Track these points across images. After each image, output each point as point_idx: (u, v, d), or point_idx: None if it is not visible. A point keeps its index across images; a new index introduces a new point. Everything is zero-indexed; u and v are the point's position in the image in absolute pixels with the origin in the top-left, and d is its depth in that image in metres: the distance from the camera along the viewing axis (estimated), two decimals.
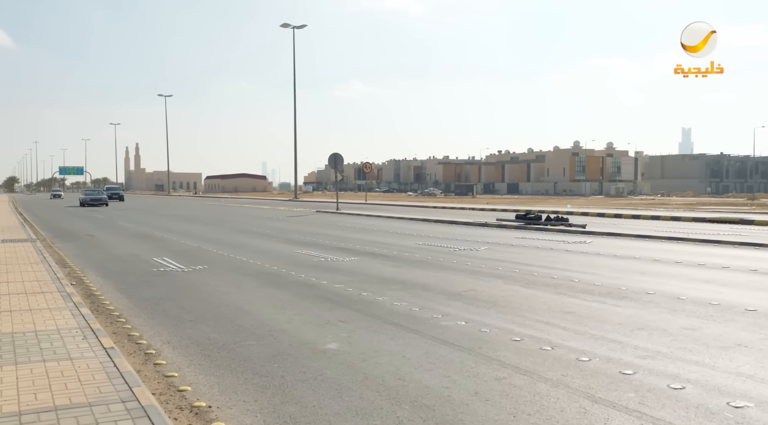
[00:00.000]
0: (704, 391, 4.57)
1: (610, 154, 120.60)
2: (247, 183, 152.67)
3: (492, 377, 4.96)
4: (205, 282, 9.81)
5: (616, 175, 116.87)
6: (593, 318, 6.98)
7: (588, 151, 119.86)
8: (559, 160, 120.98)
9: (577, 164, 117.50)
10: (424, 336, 6.27)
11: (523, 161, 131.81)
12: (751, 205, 41.21)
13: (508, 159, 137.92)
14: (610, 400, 4.42)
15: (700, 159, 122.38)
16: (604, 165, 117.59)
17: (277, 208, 41.02)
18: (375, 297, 8.32)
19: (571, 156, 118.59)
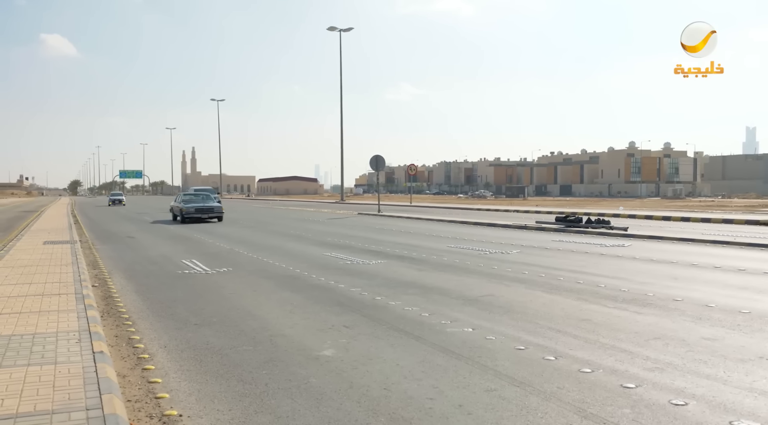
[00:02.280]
0: (708, 408, 4.22)
1: (667, 155, 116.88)
2: (298, 185, 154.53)
3: (482, 388, 4.71)
4: (224, 284, 9.82)
5: (674, 176, 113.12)
6: (609, 327, 6.62)
7: (644, 152, 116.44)
8: (614, 161, 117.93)
9: (633, 165, 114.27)
10: (425, 343, 6.05)
11: (576, 162, 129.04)
12: None
13: (561, 160, 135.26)
14: (601, 416, 4.12)
15: (764, 159, 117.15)
16: (660, 166, 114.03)
17: (321, 210, 41.26)
18: (388, 302, 8.13)
19: (626, 157, 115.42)
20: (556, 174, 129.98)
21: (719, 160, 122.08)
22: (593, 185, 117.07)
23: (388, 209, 37.77)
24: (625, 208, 35.77)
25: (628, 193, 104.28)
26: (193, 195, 28.86)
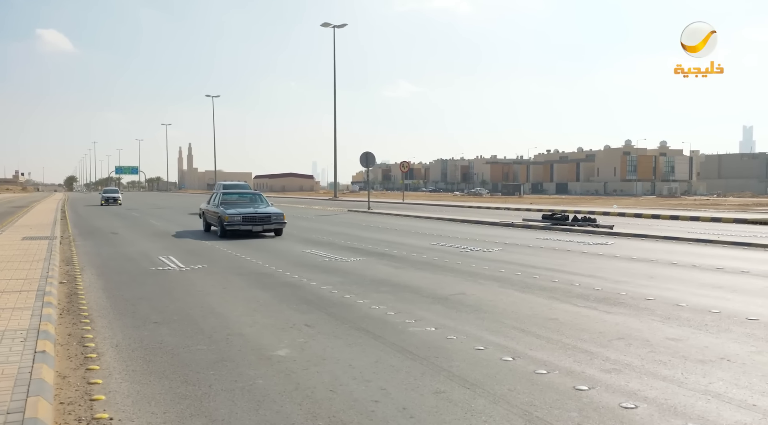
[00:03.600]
0: (657, 412, 4.09)
1: (663, 153, 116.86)
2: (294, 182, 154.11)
3: (431, 390, 4.58)
4: (194, 282, 9.67)
5: (670, 175, 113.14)
6: (574, 326, 6.49)
7: (640, 150, 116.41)
8: (610, 159, 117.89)
9: (629, 163, 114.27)
10: (383, 343, 5.91)
11: (572, 160, 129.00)
12: None
13: (557, 158, 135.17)
14: (547, 420, 3.99)
15: (760, 158, 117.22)
16: (656, 164, 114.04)
17: (312, 207, 41.07)
18: (356, 300, 7.99)
19: (622, 155, 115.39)
20: (552, 172, 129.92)
21: (715, 159, 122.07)
22: (589, 183, 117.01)
23: (379, 206, 37.62)
24: (618, 206, 35.68)
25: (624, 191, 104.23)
26: (236, 194, 19.55)
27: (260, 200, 19.19)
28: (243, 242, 15.86)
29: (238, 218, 16.98)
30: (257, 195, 19.97)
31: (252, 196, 19.69)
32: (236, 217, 16.96)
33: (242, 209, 17.61)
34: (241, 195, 19.66)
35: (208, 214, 18.88)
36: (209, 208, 18.92)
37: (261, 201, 19.15)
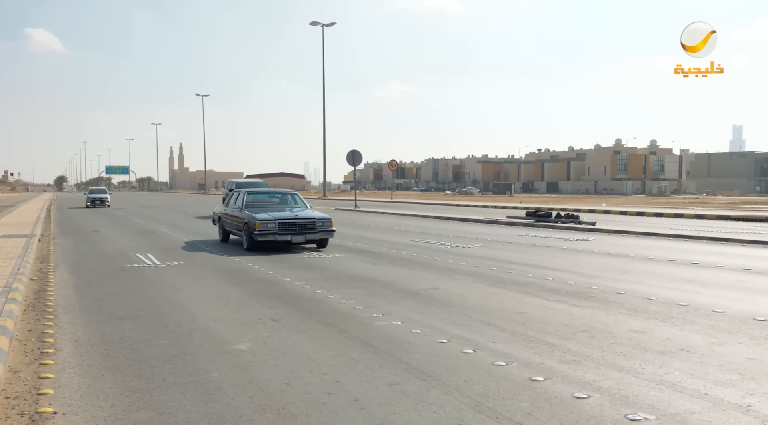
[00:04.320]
0: (608, 402, 4.06)
1: (653, 152, 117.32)
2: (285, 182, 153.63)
3: (387, 382, 4.54)
4: (168, 278, 9.60)
5: (660, 174, 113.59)
6: (541, 319, 6.47)
7: (630, 149, 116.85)
8: (600, 158, 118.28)
9: (619, 162, 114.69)
10: (347, 337, 5.87)
11: (563, 159, 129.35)
12: None
13: (548, 157, 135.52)
14: (497, 410, 3.96)
15: (749, 157, 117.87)
16: (646, 163, 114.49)
17: None
18: (326, 295, 7.95)
19: (613, 154, 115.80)
20: (543, 171, 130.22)
21: (705, 158, 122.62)
22: (580, 182, 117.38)
23: (366, 205, 37.57)
24: (607, 205, 35.78)
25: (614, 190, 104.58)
26: (265, 193, 16.25)
27: (295, 201, 15.13)
28: (231, 240, 15.73)
29: (272, 225, 12.83)
30: (291, 194, 15.72)
31: (283, 196, 15.66)
32: (270, 224, 12.82)
33: (277, 213, 13.44)
34: (271, 194, 15.94)
35: (228, 220, 14.80)
36: (228, 211, 14.87)
37: (296, 202, 15.04)
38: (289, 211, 13.91)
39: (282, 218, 13.11)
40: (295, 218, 13.17)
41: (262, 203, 14.79)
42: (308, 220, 13.21)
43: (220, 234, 15.38)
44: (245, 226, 13.31)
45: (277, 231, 12.87)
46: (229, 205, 15.20)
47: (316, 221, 13.24)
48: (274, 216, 13.16)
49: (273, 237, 12.90)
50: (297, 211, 13.80)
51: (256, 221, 12.87)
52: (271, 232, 12.84)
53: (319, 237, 13.22)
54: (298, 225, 13.08)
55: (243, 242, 13.45)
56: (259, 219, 12.90)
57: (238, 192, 15.21)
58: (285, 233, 12.94)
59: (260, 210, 13.78)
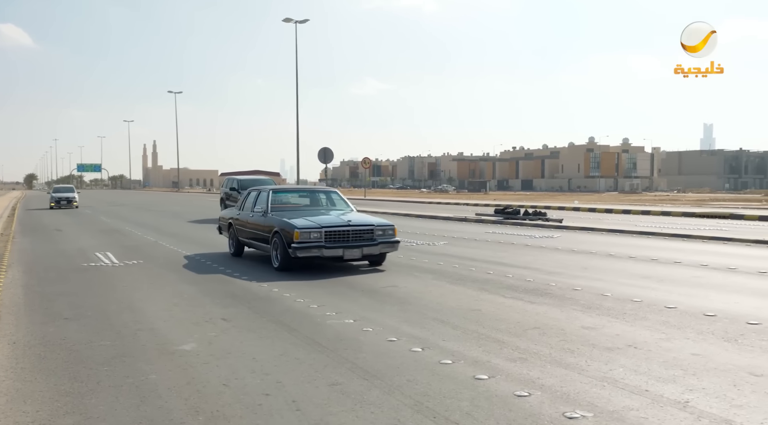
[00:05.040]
0: (548, 399, 4.02)
1: (625, 150, 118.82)
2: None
3: (328, 382, 4.44)
4: (123, 277, 9.39)
5: (632, 171, 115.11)
6: (495, 317, 6.43)
7: (603, 147, 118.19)
8: (574, 156, 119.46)
9: (592, 160, 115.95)
10: (296, 336, 5.77)
11: (537, 157, 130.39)
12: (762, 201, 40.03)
13: (523, 155, 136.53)
14: (436, 410, 3.89)
15: (719, 155, 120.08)
16: (619, 161, 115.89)
17: None
18: (282, 294, 7.83)
19: (586, 152, 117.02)
20: (517, 169, 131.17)
21: (676, 156, 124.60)
22: (554, 180, 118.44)
23: None
24: (579, 202, 36.07)
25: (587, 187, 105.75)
26: (293, 191, 12.79)
27: (332, 202, 11.56)
28: (192, 238, 15.42)
29: (316, 235, 9.39)
30: (327, 193, 12.05)
31: (315, 195, 12.01)
32: (314, 233, 9.38)
33: (320, 218, 10.01)
34: (302, 193, 12.38)
35: (245, 228, 11.36)
36: (244, 216, 11.46)
37: (334, 202, 11.51)
38: (335, 214, 10.51)
39: (330, 225, 9.61)
40: (348, 224, 9.70)
41: (292, 206, 11.40)
42: (365, 227, 9.78)
43: (232, 246, 12.04)
44: (275, 237, 9.81)
45: (324, 243, 9.36)
46: (243, 209, 11.70)
47: (375, 228, 9.83)
48: (318, 221, 9.70)
49: (318, 252, 9.34)
50: (342, 215, 10.47)
51: (294, 229, 9.33)
52: (316, 245, 9.31)
53: (378, 251, 9.80)
54: (353, 234, 9.60)
55: (273, 259, 9.93)
56: (299, 227, 9.37)
57: (259, 191, 11.54)
58: (335, 246, 9.42)
59: (293, 214, 10.36)
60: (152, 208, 34.46)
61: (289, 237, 9.38)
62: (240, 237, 11.67)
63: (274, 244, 9.91)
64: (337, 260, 9.70)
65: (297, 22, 54.84)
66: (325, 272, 9.61)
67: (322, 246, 9.34)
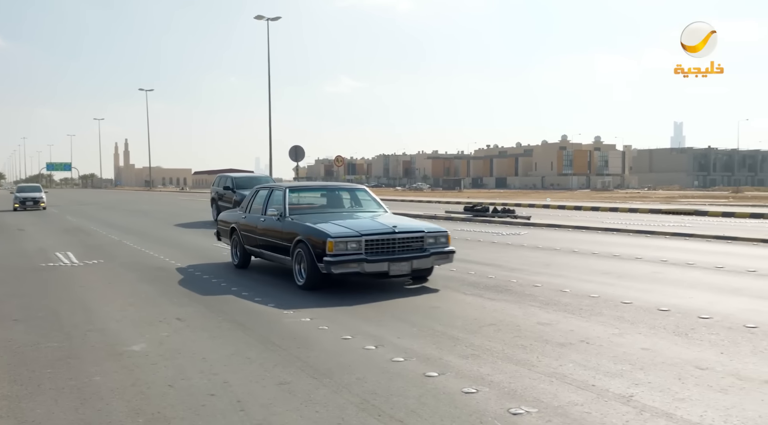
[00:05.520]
0: (495, 396, 4.00)
1: (597, 148, 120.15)
2: None
3: (277, 382, 4.38)
4: (81, 277, 9.21)
5: (604, 169, 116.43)
6: (453, 314, 6.42)
7: (575, 145, 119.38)
8: (547, 154, 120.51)
9: (565, 158, 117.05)
10: (250, 335, 5.70)
11: (511, 155, 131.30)
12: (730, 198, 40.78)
13: (497, 153, 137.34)
14: (381, 408, 3.85)
15: (688, 152, 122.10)
16: (591, 159, 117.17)
17: None
18: (241, 292, 7.73)
19: (559, 150, 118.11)
20: (492, 166, 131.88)
21: (646, 154, 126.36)
22: (528, 177, 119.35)
23: None
24: (551, 200, 36.35)
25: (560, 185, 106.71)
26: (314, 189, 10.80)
27: (357, 201, 9.69)
28: (158, 237, 15.16)
29: (354, 244, 7.46)
30: (352, 190, 10.04)
31: (336, 194, 9.89)
32: (351, 243, 7.47)
33: (356, 223, 8.12)
34: (323, 191, 10.18)
35: (253, 234, 9.42)
36: (253, 221, 9.48)
37: (360, 203, 9.62)
38: (373, 218, 8.60)
39: (371, 232, 7.62)
40: (393, 231, 7.64)
41: (310, 206, 9.58)
42: (414, 235, 7.79)
43: (236, 256, 10.04)
44: (299, 247, 7.83)
45: (365, 254, 7.42)
46: (250, 211, 9.81)
47: (426, 235, 7.86)
48: (355, 227, 7.74)
49: (358, 268, 7.39)
50: (377, 218, 8.62)
51: (327, 238, 7.38)
52: (355, 258, 7.38)
53: (431, 264, 7.90)
54: (400, 243, 7.62)
55: (296, 275, 7.97)
56: (333, 235, 7.41)
57: (270, 190, 9.51)
58: (378, 259, 7.44)
59: (318, 217, 8.41)
60: (122, 208, 33.98)
61: (320, 249, 7.41)
62: (247, 246, 9.65)
63: (297, 257, 7.90)
64: (380, 277, 7.75)
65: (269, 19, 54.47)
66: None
67: (362, 259, 7.34)
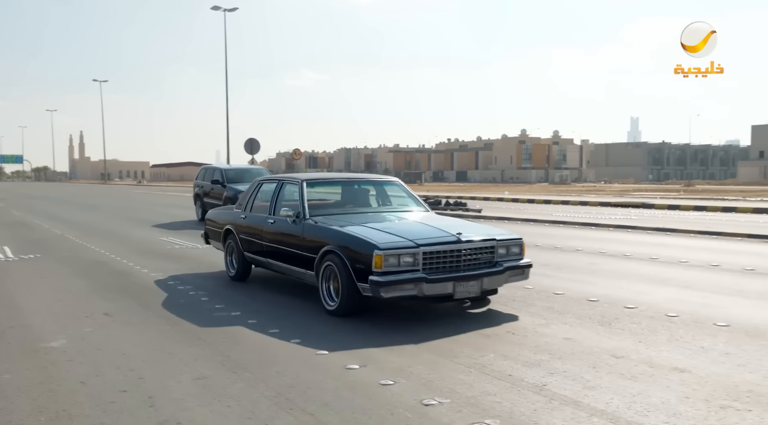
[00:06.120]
0: (411, 388, 4.01)
1: (555, 142, 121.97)
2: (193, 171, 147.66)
3: (193, 377, 4.31)
4: (12, 273, 8.92)
5: (562, 163, 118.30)
6: (384, 308, 6.40)
7: (534, 139, 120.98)
8: (507, 148, 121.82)
9: (524, 152, 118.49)
10: (177, 330, 5.60)
11: (471, 149, 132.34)
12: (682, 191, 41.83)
13: (457, 147, 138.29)
14: (295, 402, 3.82)
15: (643, 147, 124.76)
16: (550, 153, 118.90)
17: None
18: (177, 287, 7.59)
19: (518, 144, 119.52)
20: (452, 160, 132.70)
21: (603, 148, 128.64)
22: (488, 171, 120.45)
23: None
24: (510, 193, 36.72)
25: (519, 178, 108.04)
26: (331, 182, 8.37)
27: (386, 199, 7.72)
28: (103, 232, 14.79)
29: (409, 258, 5.55)
30: (382, 184, 7.93)
31: (361, 188, 7.87)
32: (405, 256, 5.54)
33: (405, 229, 6.19)
34: (346, 184, 7.94)
35: (258, 239, 7.46)
36: (258, 222, 7.58)
37: (388, 200, 7.71)
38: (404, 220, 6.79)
39: (430, 240, 5.73)
40: (458, 240, 5.79)
41: (328, 204, 7.48)
42: (484, 244, 5.96)
43: (233, 266, 8.08)
44: (328, 260, 5.97)
45: (423, 272, 5.55)
46: (252, 209, 7.90)
47: (498, 244, 6.03)
48: (407, 234, 5.84)
49: (415, 289, 5.50)
50: (429, 221, 6.58)
51: (374, 249, 5.49)
52: (411, 276, 5.49)
53: (504, 282, 6.09)
54: (466, 255, 5.81)
55: (324, 296, 6.09)
56: (383, 246, 5.52)
57: (281, 183, 7.53)
58: (441, 277, 5.60)
59: (346, 220, 6.55)
60: (72, 201, 33.11)
61: (362, 264, 5.53)
62: (248, 253, 7.71)
63: (325, 272, 6.04)
64: (442, 300, 5.79)
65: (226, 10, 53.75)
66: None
67: (420, 278, 5.47)
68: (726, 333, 5.22)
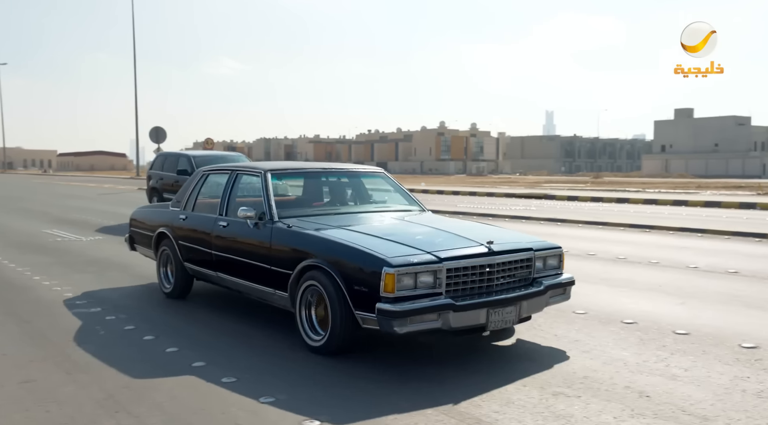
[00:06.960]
0: (252, 383, 3.89)
1: (473, 135, 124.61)
2: (104, 161, 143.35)
3: (21, 380, 4.08)
4: None
5: (479, 155, 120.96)
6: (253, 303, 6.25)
7: (453, 132, 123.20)
8: (426, 139, 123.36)
9: (443, 144, 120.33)
10: (24, 329, 5.32)
11: (391, 140, 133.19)
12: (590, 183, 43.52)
13: (378, 138, 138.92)
14: (124, 403, 3.64)
15: (556, 140, 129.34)
16: (467, 145, 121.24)
17: (103, 185, 37.98)
18: (42, 283, 7.18)
19: (437, 136, 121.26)
20: (372, 151, 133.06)
21: (519, 141, 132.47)
22: (407, 162, 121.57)
23: None
24: (426, 184, 37.05)
25: (438, 170, 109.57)
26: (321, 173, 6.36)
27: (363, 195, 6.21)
28: None
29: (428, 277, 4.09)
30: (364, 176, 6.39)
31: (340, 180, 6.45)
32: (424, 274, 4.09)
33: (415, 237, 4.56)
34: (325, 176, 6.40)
35: (205, 247, 5.80)
36: (206, 225, 5.88)
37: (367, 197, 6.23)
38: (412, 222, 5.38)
39: (452, 253, 4.30)
40: (490, 251, 4.39)
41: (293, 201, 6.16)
42: (519, 255, 4.62)
43: (168, 280, 6.52)
44: (311, 278, 4.50)
45: (446, 296, 4.13)
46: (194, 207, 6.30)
47: (535, 255, 4.70)
48: (418, 242, 4.42)
49: (439, 320, 4.07)
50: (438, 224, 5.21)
51: (383, 265, 4.02)
52: (433, 302, 4.06)
53: (545, 305, 4.71)
54: (499, 272, 4.44)
55: (304, 328, 4.64)
56: (394, 261, 4.05)
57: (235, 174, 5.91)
58: (471, 303, 4.17)
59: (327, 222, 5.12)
60: None
61: (366, 286, 4.12)
62: (190, 264, 6.15)
63: (306, 295, 4.61)
64: (472, 332, 4.37)
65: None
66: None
67: (447, 305, 4.08)
68: (582, 321, 5.39)
